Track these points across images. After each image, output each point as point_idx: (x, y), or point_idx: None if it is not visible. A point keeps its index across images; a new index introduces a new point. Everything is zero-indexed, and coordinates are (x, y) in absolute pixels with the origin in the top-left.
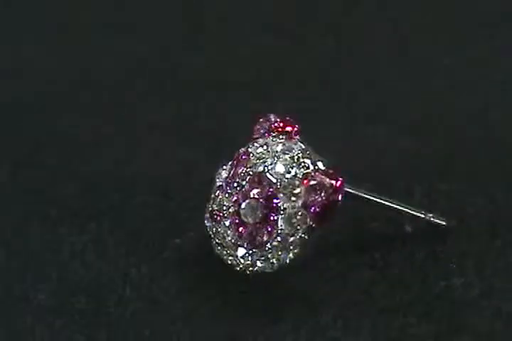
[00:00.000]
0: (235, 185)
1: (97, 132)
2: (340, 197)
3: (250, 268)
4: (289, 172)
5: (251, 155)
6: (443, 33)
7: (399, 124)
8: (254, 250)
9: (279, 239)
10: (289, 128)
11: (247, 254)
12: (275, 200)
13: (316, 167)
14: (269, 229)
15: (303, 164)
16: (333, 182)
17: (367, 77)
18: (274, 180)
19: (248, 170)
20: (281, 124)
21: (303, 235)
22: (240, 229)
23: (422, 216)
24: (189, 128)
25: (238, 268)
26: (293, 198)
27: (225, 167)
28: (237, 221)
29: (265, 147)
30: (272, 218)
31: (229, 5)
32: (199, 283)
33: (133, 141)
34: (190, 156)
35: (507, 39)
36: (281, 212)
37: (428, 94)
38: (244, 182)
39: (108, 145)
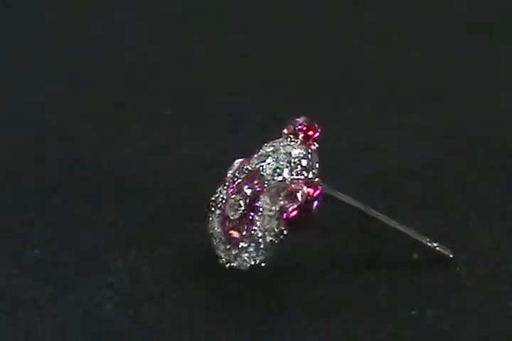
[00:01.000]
0: (235, 179)
1: (97, 131)
2: (314, 206)
3: (227, 264)
4: (280, 175)
5: (259, 153)
6: (442, 32)
7: (401, 127)
8: (230, 246)
9: (251, 239)
10: (309, 133)
11: (225, 249)
12: (258, 200)
13: (309, 175)
14: (246, 228)
15: (296, 170)
16: (311, 190)
17: (369, 77)
18: (264, 180)
19: (247, 166)
20: (304, 128)
21: (273, 239)
22: (226, 222)
23: (427, 243)
24: (191, 128)
25: (221, 262)
26: (273, 201)
27: (238, 161)
28: (225, 214)
29: (273, 147)
30: (250, 217)
31: (229, 4)
32: (196, 280)
33: (134, 141)
34: (192, 155)
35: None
36: (259, 213)
37: (431, 94)
38: (240, 178)
39: (109, 145)
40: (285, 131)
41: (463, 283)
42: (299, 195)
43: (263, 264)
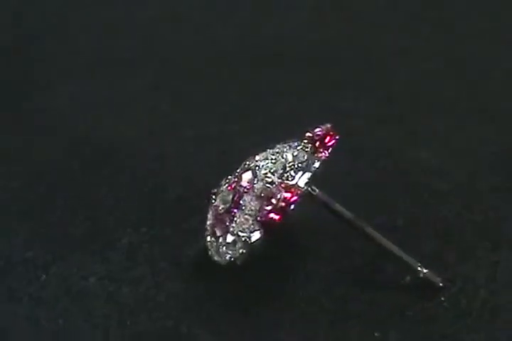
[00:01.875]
0: (236, 174)
1: (97, 131)
2: (289, 211)
3: (212, 258)
4: (271, 177)
5: (266, 151)
6: (442, 32)
7: (401, 127)
8: (214, 239)
9: (229, 235)
10: (325, 141)
11: (211, 242)
12: (243, 198)
13: (299, 181)
14: (227, 224)
15: (287, 175)
16: (288, 195)
17: (368, 76)
18: (253, 180)
19: (249, 162)
20: (323, 136)
21: (247, 238)
22: (217, 215)
23: (418, 268)
24: (192, 128)
25: (209, 253)
26: (255, 201)
27: (250, 157)
28: (216, 207)
29: (280, 149)
30: (232, 213)
31: (232, 4)
32: (196, 280)
33: (134, 141)
34: (193, 155)
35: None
36: (241, 211)
37: (431, 94)
38: (239, 173)
39: (109, 145)
40: (307, 134)
41: (442, 315)
42: (275, 198)
43: (238, 262)
